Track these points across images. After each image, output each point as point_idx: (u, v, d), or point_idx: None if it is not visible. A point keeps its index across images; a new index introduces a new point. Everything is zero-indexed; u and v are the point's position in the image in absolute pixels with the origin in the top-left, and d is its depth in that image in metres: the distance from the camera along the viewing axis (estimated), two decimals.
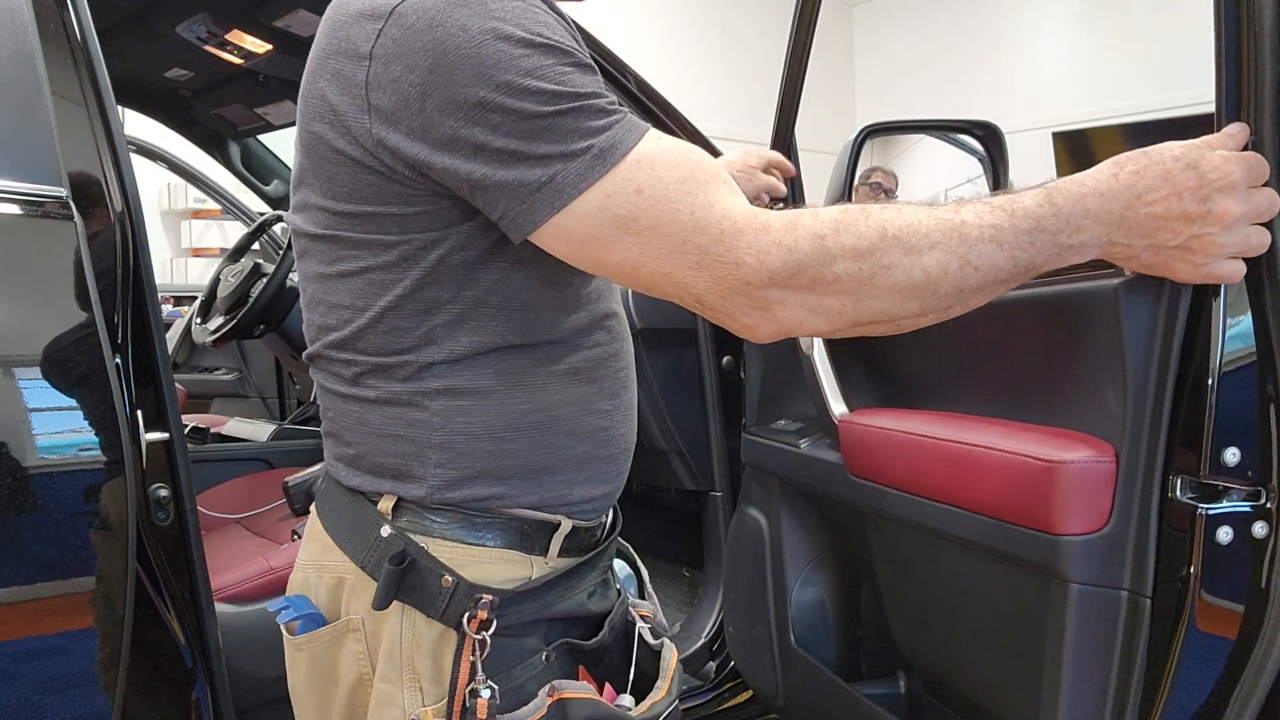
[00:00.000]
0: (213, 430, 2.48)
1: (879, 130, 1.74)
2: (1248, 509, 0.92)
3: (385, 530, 0.86)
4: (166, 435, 1.21)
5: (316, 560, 0.92)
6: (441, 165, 0.76)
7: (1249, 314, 0.92)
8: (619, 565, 1.05)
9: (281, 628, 0.94)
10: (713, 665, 1.98)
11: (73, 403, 1.10)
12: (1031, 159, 5.85)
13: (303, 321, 0.93)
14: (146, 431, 1.18)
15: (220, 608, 1.38)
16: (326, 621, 0.90)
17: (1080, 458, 0.98)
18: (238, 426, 2.56)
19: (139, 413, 1.18)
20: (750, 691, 1.88)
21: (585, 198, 0.75)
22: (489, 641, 0.83)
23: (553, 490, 0.89)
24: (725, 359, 1.96)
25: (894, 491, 1.27)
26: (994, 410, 1.20)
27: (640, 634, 0.96)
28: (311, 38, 0.86)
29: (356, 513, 0.89)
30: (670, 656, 0.96)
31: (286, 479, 1.96)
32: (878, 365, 1.45)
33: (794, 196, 1.80)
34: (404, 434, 0.85)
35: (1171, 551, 0.95)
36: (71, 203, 1.11)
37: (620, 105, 0.79)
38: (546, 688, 0.84)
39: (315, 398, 2.50)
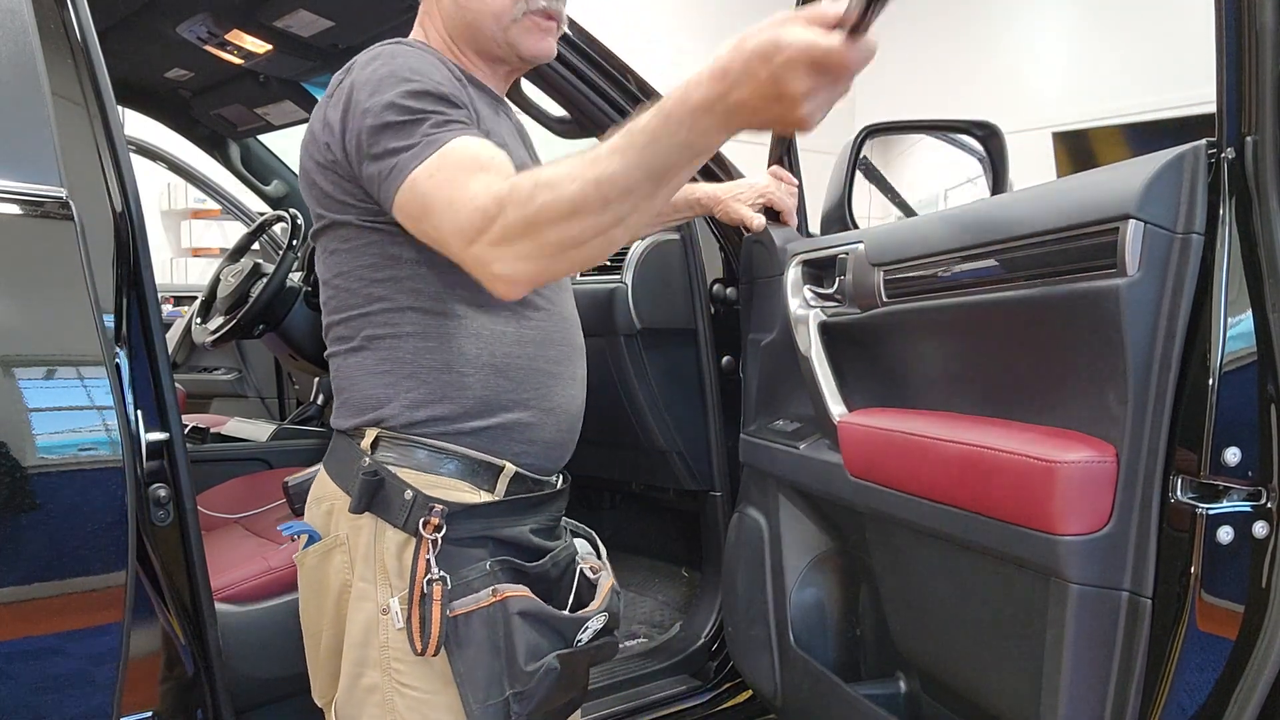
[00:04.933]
0: (213, 430, 2.47)
1: (879, 130, 1.74)
2: (1248, 509, 0.92)
3: (365, 461, 1.10)
4: (166, 435, 1.21)
5: (315, 494, 1.18)
6: (363, 173, 1.05)
7: (1250, 314, 0.92)
8: (582, 544, 1.26)
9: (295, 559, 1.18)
10: (712, 665, 1.98)
11: (73, 403, 1.10)
12: (1031, 159, 5.84)
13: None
14: (146, 431, 1.18)
15: (220, 608, 1.38)
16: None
17: (1080, 458, 0.98)
18: (238, 426, 2.55)
19: (139, 413, 1.17)
20: (750, 691, 1.88)
21: (413, 175, 0.99)
22: (440, 543, 1.06)
23: (498, 424, 1.12)
24: (725, 359, 1.96)
25: (894, 492, 1.27)
26: (994, 410, 1.20)
27: (581, 572, 1.19)
28: (312, 38, 0.91)
29: (346, 451, 1.14)
30: (605, 582, 1.19)
31: (286, 479, 1.96)
32: (877, 365, 1.45)
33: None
34: (388, 369, 1.10)
35: (1172, 551, 0.95)
36: (71, 203, 1.11)
37: (464, 122, 1.03)
38: (491, 588, 1.07)
39: (315, 397, 2.51)
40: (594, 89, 1.75)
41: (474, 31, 1.16)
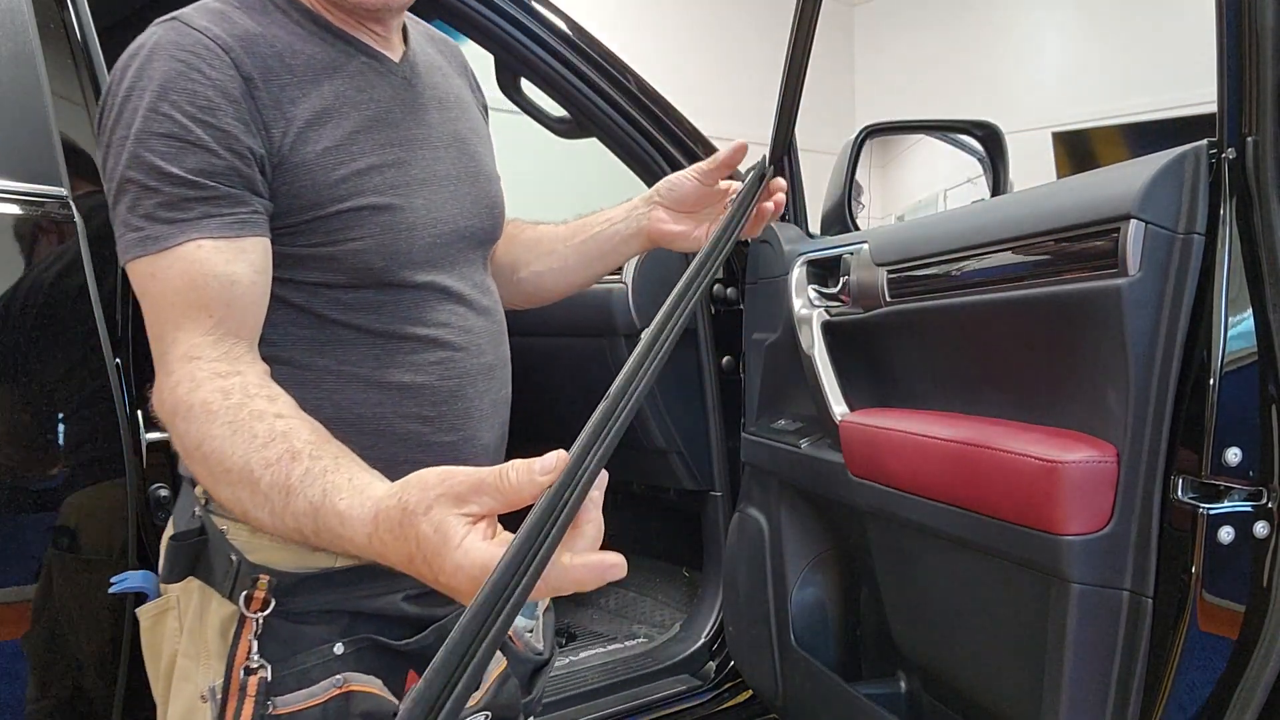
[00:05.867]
0: None
1: (879, 130, 1.75)
2: (1249, 509, 0.92)
3: (196, 510, 0.93)
4: (166, 435, 1.21)
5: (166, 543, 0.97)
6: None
7: (1251, 314, 0.92)
8: None
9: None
10: (713, 665, 1.98)
11: (73, 403, 1.10)
12: (1031, 159, 5.84)
13: None
14: (146, 431, 1.18)
15: None
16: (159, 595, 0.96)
17: (1082, 457, 0.98)
18: None
19: (139, 413, 1.17)
20: (750, 691, 1.88)
21: (136, 262, 0.85)
22: (262, 623, 0.86)
23: None
24: (725, 359, 1.96)
25: (895, 491, 1.27)
26: (995, 410, 1.20)
27: None
28: None
29: (186, 498, 0.97)
30: (494, 669, 0.98)
31: None
32: (879, 365, 1.45)
33: (794, 199, 1.79)
34: None
35: (1173, 551, 0.95)
36: (71, 203, 1.11)
37: (202, 200, 0.85)
38: (338, 678, 0.87)
39: None
40: (594, 89, 1.76)
41: None
